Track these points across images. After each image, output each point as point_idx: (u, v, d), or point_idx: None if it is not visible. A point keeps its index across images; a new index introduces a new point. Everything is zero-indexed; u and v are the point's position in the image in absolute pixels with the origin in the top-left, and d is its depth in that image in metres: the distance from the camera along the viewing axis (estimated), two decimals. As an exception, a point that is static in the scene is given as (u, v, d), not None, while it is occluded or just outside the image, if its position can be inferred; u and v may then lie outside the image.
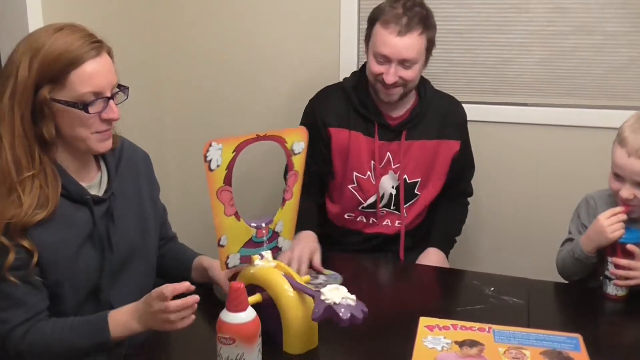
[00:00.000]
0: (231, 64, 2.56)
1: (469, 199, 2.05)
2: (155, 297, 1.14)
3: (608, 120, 1.52)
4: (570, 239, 1.55)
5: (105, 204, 1.30)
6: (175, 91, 2.66)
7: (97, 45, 1.20)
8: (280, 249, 1.32)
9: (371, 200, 1.85)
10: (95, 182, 1.32)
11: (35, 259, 1.18)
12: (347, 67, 2.28)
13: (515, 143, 2.31)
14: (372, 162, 1.81)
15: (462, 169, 1.93)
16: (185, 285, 1.15)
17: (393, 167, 1.82)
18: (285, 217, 1.30)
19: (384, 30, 1.69)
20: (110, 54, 1.26)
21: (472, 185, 2.03)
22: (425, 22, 1.71)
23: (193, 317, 1.16)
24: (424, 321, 1.25)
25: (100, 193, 1.31)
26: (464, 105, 1.95)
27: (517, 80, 2.28)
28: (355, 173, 1.83)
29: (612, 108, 2.16)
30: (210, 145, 1.09)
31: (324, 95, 1.90)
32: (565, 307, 1.46)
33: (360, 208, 1.87)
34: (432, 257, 1.82)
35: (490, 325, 1.23)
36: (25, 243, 1.17)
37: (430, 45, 1.75)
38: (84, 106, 1.18)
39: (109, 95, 1.22)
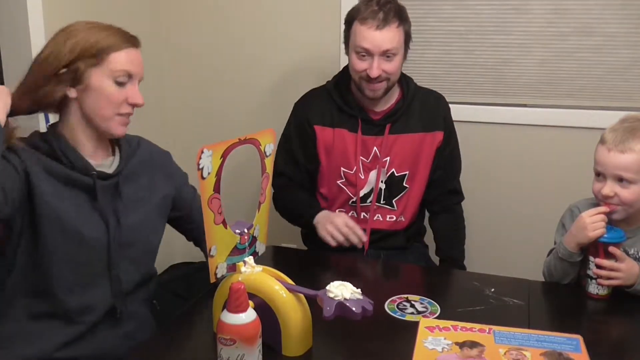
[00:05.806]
0: (232, 64, 2.56)
1: (463, 204, 2.04)
2: None
3: (608, 121, 1.53)
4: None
5: (112, 180, 1.33)
6: (177, 91, 2.67)
7: (135, 38, 1.34)
8: (257, 254, 1.29)
9: (361, 194, 1.88)
10: (106, 163, 1.35)
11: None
12: (347, 67, 2.29)
13: (515, 144, 2.32)
14: (360, 157, 1.85)
15: (447, 161, 1.93)
16: None
17: (381, 161, 1.85)
18: (261, 221, 1.28)
19: (362, 27, 1.74)
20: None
21: (462, 189, 2.01)
22: (401, 15, 1.77)
23: None
24: (424, 322, 1.25)
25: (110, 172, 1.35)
26: (463, 106, 1.95)
27: (517, 82, 2.29)
28: (342, 169, 1.87)
29: (612, 109, 2.17)
30: (202, 152, 1.07)
31: (308, 97, 1.96)
32: (566, 308, 1.46)
33: (350, 203, 1.90)
34: None
35: (490, 326, 1.23)
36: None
37: (407, 38, 1.80)
38: (119, 83, 1.28)
39: (137, 83, 1.32)
